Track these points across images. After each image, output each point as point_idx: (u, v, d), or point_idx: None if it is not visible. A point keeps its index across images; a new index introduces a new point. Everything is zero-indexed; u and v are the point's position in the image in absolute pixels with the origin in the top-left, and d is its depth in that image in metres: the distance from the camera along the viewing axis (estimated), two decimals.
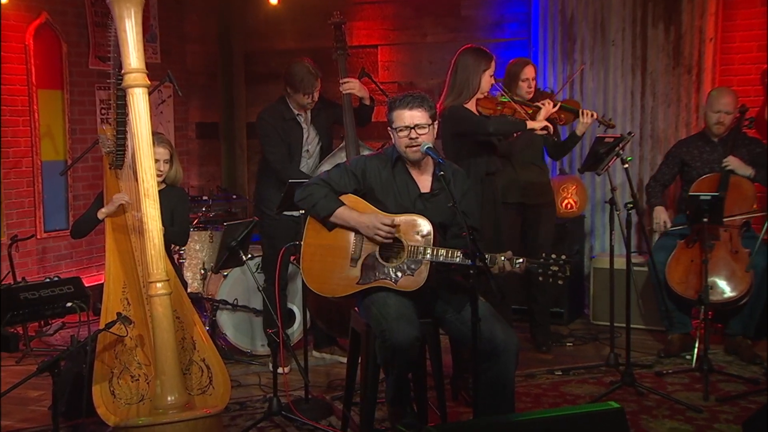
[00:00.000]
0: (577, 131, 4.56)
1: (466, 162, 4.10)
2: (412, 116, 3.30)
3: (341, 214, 3.33)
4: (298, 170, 4.55)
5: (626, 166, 4.13)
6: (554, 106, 4.40)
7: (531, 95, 4.62)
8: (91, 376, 3.30)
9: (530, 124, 4.21)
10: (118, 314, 3.28)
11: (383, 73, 6.44)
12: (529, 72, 4.65)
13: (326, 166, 4.40)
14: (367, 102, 4.67)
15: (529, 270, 3.18)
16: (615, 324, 4.40)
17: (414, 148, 3.30)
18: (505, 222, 4.37)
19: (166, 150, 4.02)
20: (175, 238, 4.13)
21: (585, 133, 4.60)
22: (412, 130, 3.29)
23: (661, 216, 4.88)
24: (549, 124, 4.23)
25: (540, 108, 4.37)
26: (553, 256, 3.14)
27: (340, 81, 4.59)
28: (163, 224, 3.24)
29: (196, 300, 4.92)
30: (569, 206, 5.51)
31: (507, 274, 3.18)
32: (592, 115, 4.48)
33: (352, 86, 4.60)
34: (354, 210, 3.33)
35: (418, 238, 3.27)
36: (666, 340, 4.80)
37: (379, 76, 6.31)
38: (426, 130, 3.31)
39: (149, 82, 3.11)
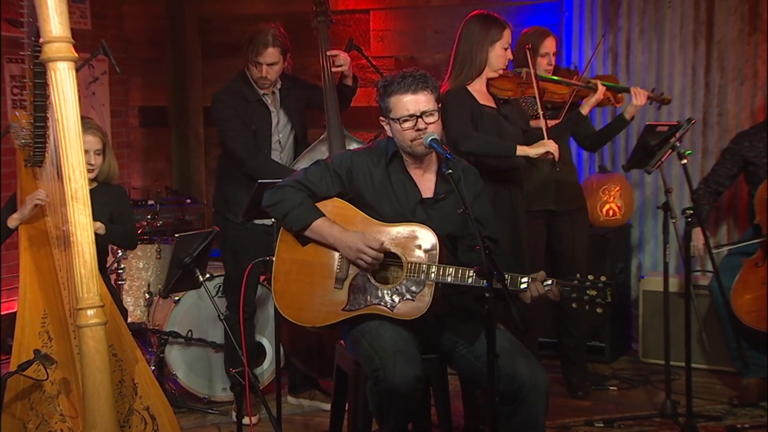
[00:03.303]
0: (626, 114, 4.54)
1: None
2: (417, 102, 3.31)
3: (319, 227, 3.35)
4: (270, 160, 4.53)
5: (685, 161, 4.13)
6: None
7: (550, 74, 4.59)
8: None
9: (520, 151, 4.03)
10: (36, 352, 3.27)
11: (376, 45, 6.45)
12: (549, 45, 4.65)
13: (304, 163, 4.39)
14: (350, 82, 4.67)
15: (562, 295, 3.18)
16: (671, 363, 4.40)
17: (420, 141, 3.32)
18: (528, 234, 4.34)
19: (97, 138, 4.03)
20: (120, 238, 4.11)
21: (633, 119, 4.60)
22: (420, 119, 3.30)
23: (699, 239, 4.74)
24: (553, 150, 4.04)
25: (591, 87, 4.35)
26: (590, 277, 3.15)
27: (330, 55, 4.57)
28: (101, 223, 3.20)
29: (139, 332, 4.92)
30: (611, 213, 5.51)
31: (537, 299, 3.18)
32: (645, 95, 4.45)
33: (343, 61, 4.58)
34: (336, 224, 3.34)
35: (420, 253, 3.27)
36: (740, 385, 4.80)
37: (371, 50, 6.31)
38: (435, 118, 3.33)
39: (77, 55, 3.09)
